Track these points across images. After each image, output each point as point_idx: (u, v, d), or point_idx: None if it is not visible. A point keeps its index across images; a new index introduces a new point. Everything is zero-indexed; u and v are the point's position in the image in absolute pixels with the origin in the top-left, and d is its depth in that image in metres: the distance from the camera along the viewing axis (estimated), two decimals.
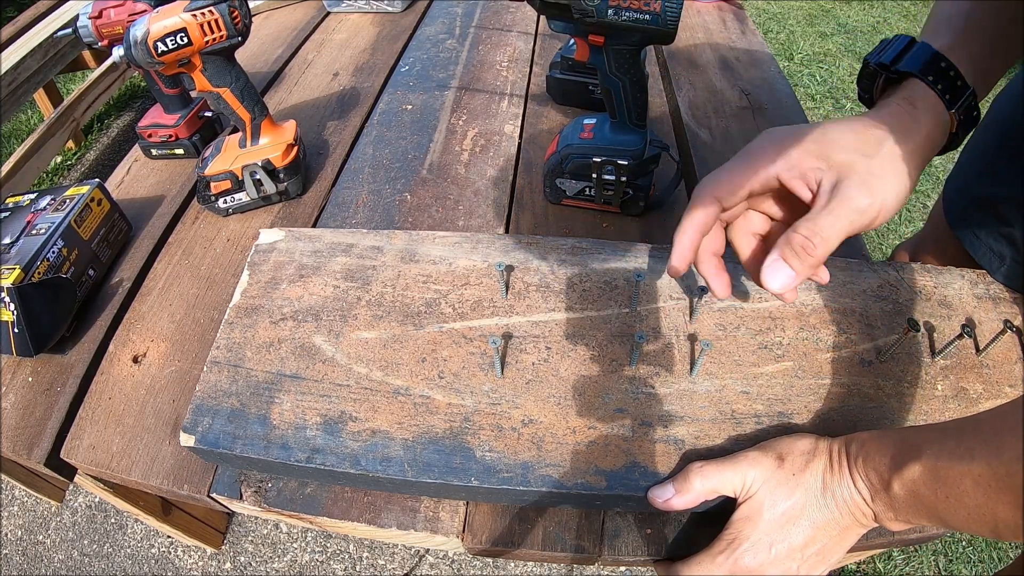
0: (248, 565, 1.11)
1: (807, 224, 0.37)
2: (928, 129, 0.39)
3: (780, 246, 0.37)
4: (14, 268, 0.51)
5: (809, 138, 0.38)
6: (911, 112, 0.39)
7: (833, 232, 0.36)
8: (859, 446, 0.37)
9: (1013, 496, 0.28)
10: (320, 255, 0.54)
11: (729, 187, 0.39)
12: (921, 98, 0.40)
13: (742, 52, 0.96)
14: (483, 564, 1.10)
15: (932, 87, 0.40)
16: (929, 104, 0.40)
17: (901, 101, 0.40)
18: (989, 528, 0.30)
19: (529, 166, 0.74)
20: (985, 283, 0.53)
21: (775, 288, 0.37)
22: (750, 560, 0.37)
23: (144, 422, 0.51)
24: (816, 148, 0.38)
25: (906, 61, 0.41)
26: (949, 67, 0.40)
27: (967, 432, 0.32)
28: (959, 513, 0.31)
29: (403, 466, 0.42)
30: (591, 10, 0.49)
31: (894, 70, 0.41)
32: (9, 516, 1.18)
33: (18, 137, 2.01)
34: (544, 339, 0.48)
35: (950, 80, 0.40)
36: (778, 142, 0.39)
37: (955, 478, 0.31)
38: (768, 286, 0.37)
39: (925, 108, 0.40)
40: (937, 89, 0.40)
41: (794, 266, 0.37)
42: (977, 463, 0.30)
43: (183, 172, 0.75)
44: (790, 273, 0.37)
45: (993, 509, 0.29)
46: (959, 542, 1.14)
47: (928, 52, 0.41)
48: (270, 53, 0.98)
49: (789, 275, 0.37)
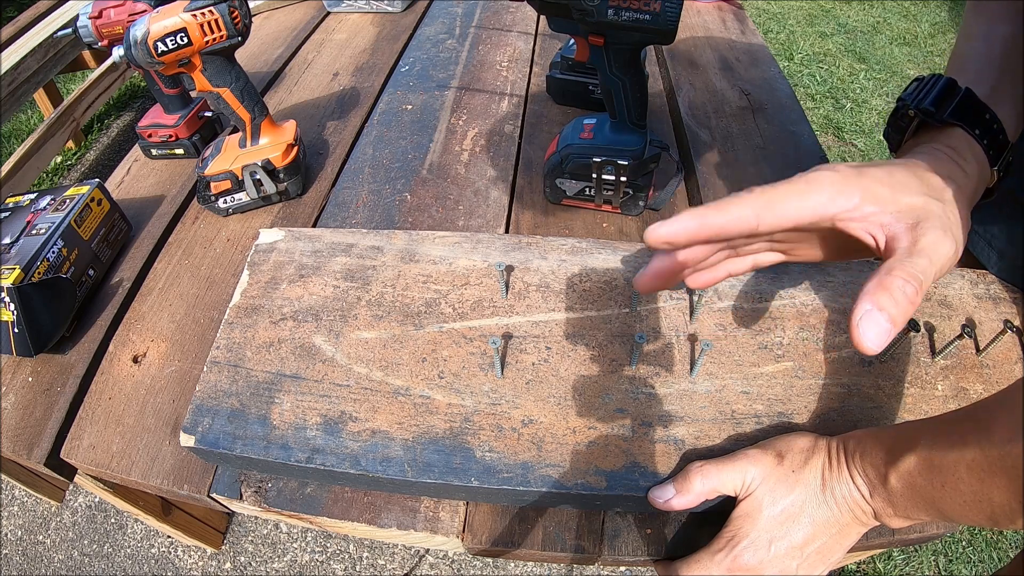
0: (248, 565, 1.11)
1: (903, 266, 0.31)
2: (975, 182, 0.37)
3: (872, 293, 0.30)
4: (14, 268, 0.51)
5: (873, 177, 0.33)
6: (960, 163, 0.37)
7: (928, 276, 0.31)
8: (856, 443, 0.37)
9: (1006, 479, 0.28)
10: (320, 255, 0.54)
11: (779, 209, 0.33)
12: (967, 150, 0.38)
13: (742, 52, 0.96)
14: (483, 564, 1.10)
15: (979, 141, 0.38)
16: (975, 157, 0.38)
17: (948, 151, 0.37)
18: (986, 515, 0.30)
19: (529, 166, 0.74)
20: (985, 283, 0.53)
21: (872, 346, 0.30)
22: (749, 558, 0.37)
23: (144, 422, 0.51)
24: (883, 191, 0.33)
25: (954, 111, 0.38)
26: (993, 119, 0.38)
27: (959, 420, 0.32)
28: (955, 501, 0.31)
29: (403, 466, 0.42)
30: (591, 10, 0.49)
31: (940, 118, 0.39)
32: (9, 516, 1.18)
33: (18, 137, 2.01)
34: (544, 339, 0.48)
35: (994, 134, 0.38)
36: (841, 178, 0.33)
37: (949, 466, 0.31)
38: (864, 344, 0.30)
39: (971, 160, 0.37)
40: (983, 144, 0.38)
41: (891, 314, 0.30)
42: (969, 449, 0.30)
43: (183, 172, 0.75)
44: (887, 326, 0.30)
45: (988, 494, 0.29)
46: (959, 542, 1.14)
47: (974, 102, 0.38)
48: (270, 53, 0.98)
49: (886, 328, 0.30)
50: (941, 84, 0.40)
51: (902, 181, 0.34)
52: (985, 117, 0.38)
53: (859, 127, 2.10)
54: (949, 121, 0.39)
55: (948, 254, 0.32)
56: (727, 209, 0.32)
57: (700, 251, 0.37)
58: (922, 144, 0.39)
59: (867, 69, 2.39)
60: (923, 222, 0.33)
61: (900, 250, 0.32)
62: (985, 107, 0.39)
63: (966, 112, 0.38)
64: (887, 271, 0.31)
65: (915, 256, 0.32)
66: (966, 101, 0.39)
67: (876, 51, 2.52)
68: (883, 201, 0.33)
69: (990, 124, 0.38)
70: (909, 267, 0.31)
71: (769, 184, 0.33)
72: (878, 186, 0.33)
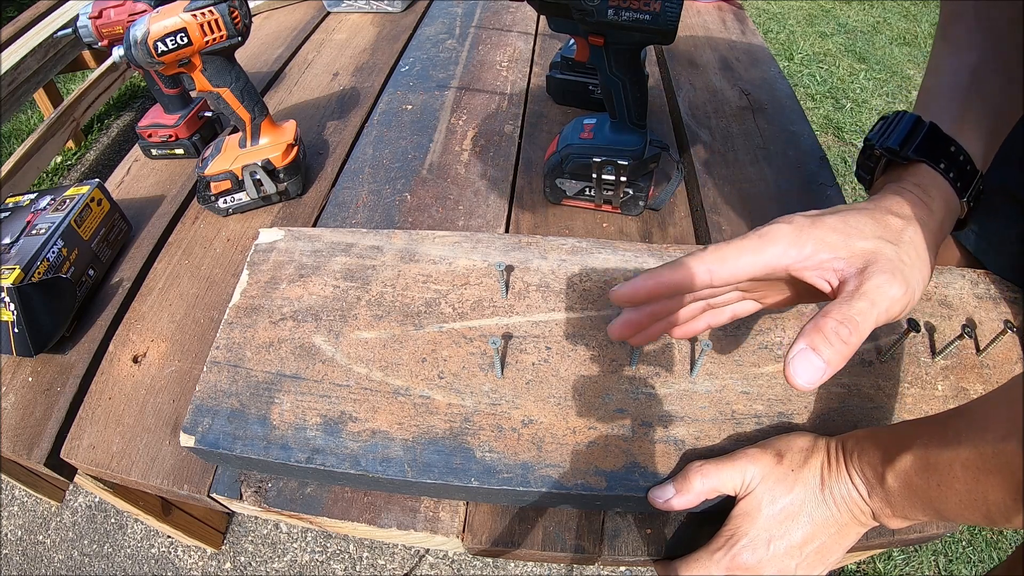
0: (248, 565, 1.11)
1: (839, 308, 0.32)
2: (942, 216, 0.38)
3: (808, 334, 0.32)
4: (14, 268, 0.51)
5: (830, 227, 0.35)
6: (925, 200, 0.38)
7: (868, 319, 0.32)
8: (854, 443, 0.37)
9: (1000, 477, 0.28)
10: (320, 255, 0.54)
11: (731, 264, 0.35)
12: (932, 185, 0.38)
13: (742, 52, 0.96)
14: (483, 564, 1.10)
15: (944, 175, 0.38)
16: (941, 191, 0.38)
17: (913, 188, 0.38)
18: (982, 513, 0.30)
19: (529, 166, 0.74)
20: (986, 283, 0.53)
21: (802, 383, 0.32)
22: (748, 557, 0.37)
23: (144, 422, 0.51)
24: (836, 238, 0.35)
25: (917, 147, 0.39)
26: (959, 152, 0.39)
27: (953, 419, 0.33)
28: (952, 501, 0.31)
29: (403, 466, 0.42)
30: (591, 10, 0.49)
31: (904, 156, 0.39)
32: (9, 516, 1.18)
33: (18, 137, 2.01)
34: (544, 339, 0.48)
35: (960, 166, 0.39)
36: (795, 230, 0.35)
37: (944, 464, 0.31)
38: (795, 381, 0.32)
39: (937, 196, 0.38)
40: (949, 178, 0.38)
41: (825, 356, 0.31)
42: (964, 447, 0.30)
43: (183, 172, 0.75)
44: (820, 365, 0.31)
45: (983, 492, 0.29)
46: (959, 542, 1.14)
47: (938, 137, 0.39)
48: (270, 53, 0.98)
49: (819, 367, 0.32)
50: (905, 121, 0.40)
51: (856, 226, 0.35)
52: (950, 150, 0.39)
53: (859, 127, 2.10)
54: (913, 158, 0.39)
55: (895, 296, 0.33)
56: (681, 268, 0.35)
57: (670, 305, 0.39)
58: (890, 183, 0.40)
59: (867, 69, 2.39)
60: (871, 265, 0.34)
61: (845, 293, 0.33)
62: (950, 140, 0.39)
63: (931, 148, 0.39)
64: (824, 313, 0.32)
65: (855, 299, 0.33)
66: (930, 136, 0.39)
67: (876, 51, 2.52)
68: (835, 247, 0.34)
69: (956, 156, 0.39)
70: (846, 309, 0.32)
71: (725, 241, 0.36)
72: (831, 234, 0.35)
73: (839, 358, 0.32)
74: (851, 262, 0.34)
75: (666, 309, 0.39)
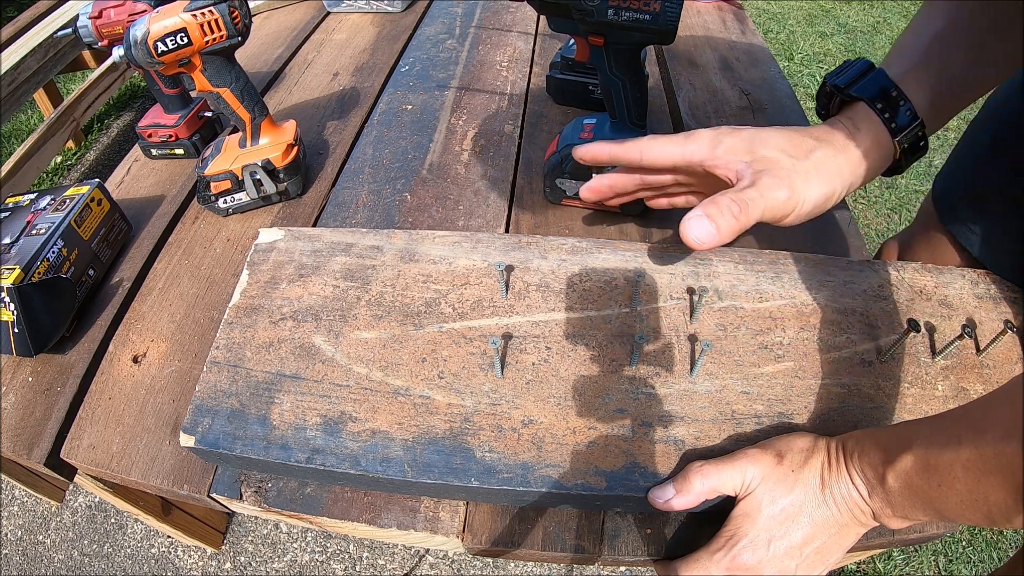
0: (248, 565, 1.11)
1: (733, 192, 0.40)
2: (865, 150, 0.43)
3: (705, 205, 0.40)
4: (14, 268, 0.51)
5: (742, 136, 0.43)
6: (851, 132, 0.43)
7: (756, 206, 0.40)
8: (855, 443, 0.37)
9: (1001, 477, 0.28)
10: (320, 255, 0.54)
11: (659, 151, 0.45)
12: (864, 121, 0.43)
13: (742, 52, 0.96)
14: (483, 564, 1.10)
15: (879, 115, 0.43)
16: (872, 129, 0.43)
17: (846, 121, 0.44)
18: (982, 514, 0.30)
19: (529, 166, 0.74)
20: (986, 283, 0.53)
21: (694, 239, 0.40)
22: (748, 557, 0.37)
23: (144, 422, 0.51)
24: (744, 146, 0.42)
25: (859, 86, 0.44)
26: (900, 97, 0.43)
27: (954, 419, 0.33)
28: (952, 501, 0.31)
29: (403, 466, 0.42)
30: (591, 10, 0.49)
31: (847, 93, 0.44)
32: (9, 516, 1.18)
33: (18, 137, 2.01)
34: (544, 339, 0.48)
35: (896, 107, 0.43)
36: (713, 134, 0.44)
37: (945, 465, 0.31)
38: (688, 236, 0.40)
39: (867, 131, 0.43)
40: (884, 117, 0.43)
41: (717, 222, 0.39)
42: (964, 448, 0.30)
43: (183, 172, 0.75)
44: (711, 228, 0.39)
45: (984, 493, 0.29)
46: (959, 542, 1.14)
47: (881, 80, 0.44)
48: (270, 53, 0.98)
49: (711, 230, 0.39)
50: (858, 65, 0.46)
51: (766, 139, 0.43)
52: (891, 94, 0.43)
53: None
54: (855, 96, 0.44)
55: (779, 198, 0.40)
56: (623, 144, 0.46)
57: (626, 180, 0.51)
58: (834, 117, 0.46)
59: None
60: (766, 171, 0.41)
61: (740, 184, 0.41)
62: (893, 85, 0.43)
63: (868, 88, 0.44)
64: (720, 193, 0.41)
65: (747, 189, 0.40)
66: (874, 79, 0.44)
67: (876, 51, 2.51)
68: (739, 152, 0.42)
69: (895, 101, 0.43)
70: (739, 194, 0.40)
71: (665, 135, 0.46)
72: (740, 142, 0.43)
73: (728, 228, 0.39)
74: (751, 165, 0.42)
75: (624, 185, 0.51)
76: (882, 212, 1.80)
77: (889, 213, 1.80)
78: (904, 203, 1.82)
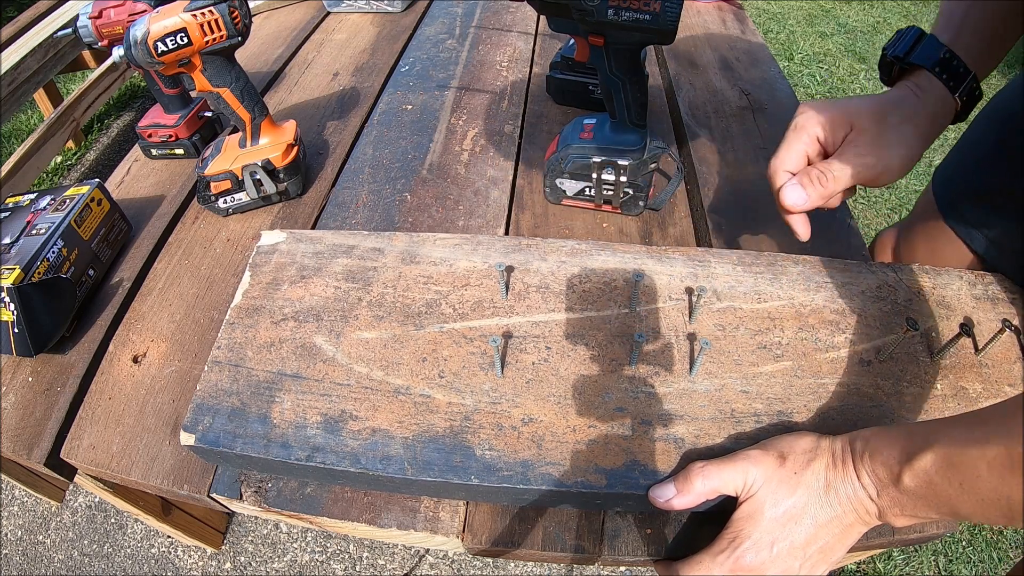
0: (248, 565, 1.11)
1: (822, 164, 0.47)
2: (932, 110, 0.48)
3: (800, 175, 0.47)
4: (14, 268, 0.51)
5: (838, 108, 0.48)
6: (918, 95, 0.48)
7: (842, 174, 0.46)
8: (864, 443, 0.37)
9: None
10: (321, 256, 0.54)
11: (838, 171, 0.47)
12: (928, 85, 0.48)
13: (742, 52, 0.96)
14: (483, 564, 1.10)
15: (939, 77, 0.48)
16: (935, 90, 0.48)
17: (912, 86, 0.49)
18: (1003, 513, 0.30)
19: (529, 166, 0.74)
20: (984, 284, 0.53)
21: (788, 201, 0.47)
22: (751, 559, 0.37)
23: (144, 422, 0.51)
24: (843, 117, 0.47)
25: (916, 54, 0.49)
26: (952, 58, 0.48)
27: (981, 419, 0.33)
28: (972, 500, 0.31)
29: (403, 465, 0.42)
30: (591, 10, 0.49)
31: (906, 61, 0.49)
32: (9, 516, 1.18)
33: (18, 137, 2.01)
34: (544, 339, 0.48)
35: (953, 69, 0.48)
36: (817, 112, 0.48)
37: (969, 464, 0.31)
38: (784, 200, 0.47)
39: (931, 93, 0.48)
40: (943, 79, 0.48)
41: (808, 191, 0.46)
42: (992, 446, 0.30)
43: (183, 172, 0.75)
44: (803, 195, 0.46)
45: (1008, 492, 0.29)
46: (959, 542, 1.14)
47: (934, 46, 0.49)
48: (270, 53, 0.98)
49: (802, 195, 0.47)
50: (910, 35, 0.50)
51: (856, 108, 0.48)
52: (945, 57, 0.48)
53: None
54: (914, 63, 0.49)
55: (868, 163, 0.46)
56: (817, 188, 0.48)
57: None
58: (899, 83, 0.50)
59: (867, 69, 2.39)
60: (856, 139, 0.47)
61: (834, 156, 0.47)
62: (945, 48, 0.48)
63: (925, 55, 0.48)
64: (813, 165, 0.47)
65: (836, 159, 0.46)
66: (928, 47, 0.49)
67: (876, 51, 2.51)
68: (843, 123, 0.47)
69: (949, 62, 0.48)
70: (825, 165, 0.47)
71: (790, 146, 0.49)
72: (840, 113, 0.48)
73: (816, 194, 0.46)
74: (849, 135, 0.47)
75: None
76: (882, 212, 1.80)
77: (889, 213, 1.80)
78: (904, 203, 1.82)
